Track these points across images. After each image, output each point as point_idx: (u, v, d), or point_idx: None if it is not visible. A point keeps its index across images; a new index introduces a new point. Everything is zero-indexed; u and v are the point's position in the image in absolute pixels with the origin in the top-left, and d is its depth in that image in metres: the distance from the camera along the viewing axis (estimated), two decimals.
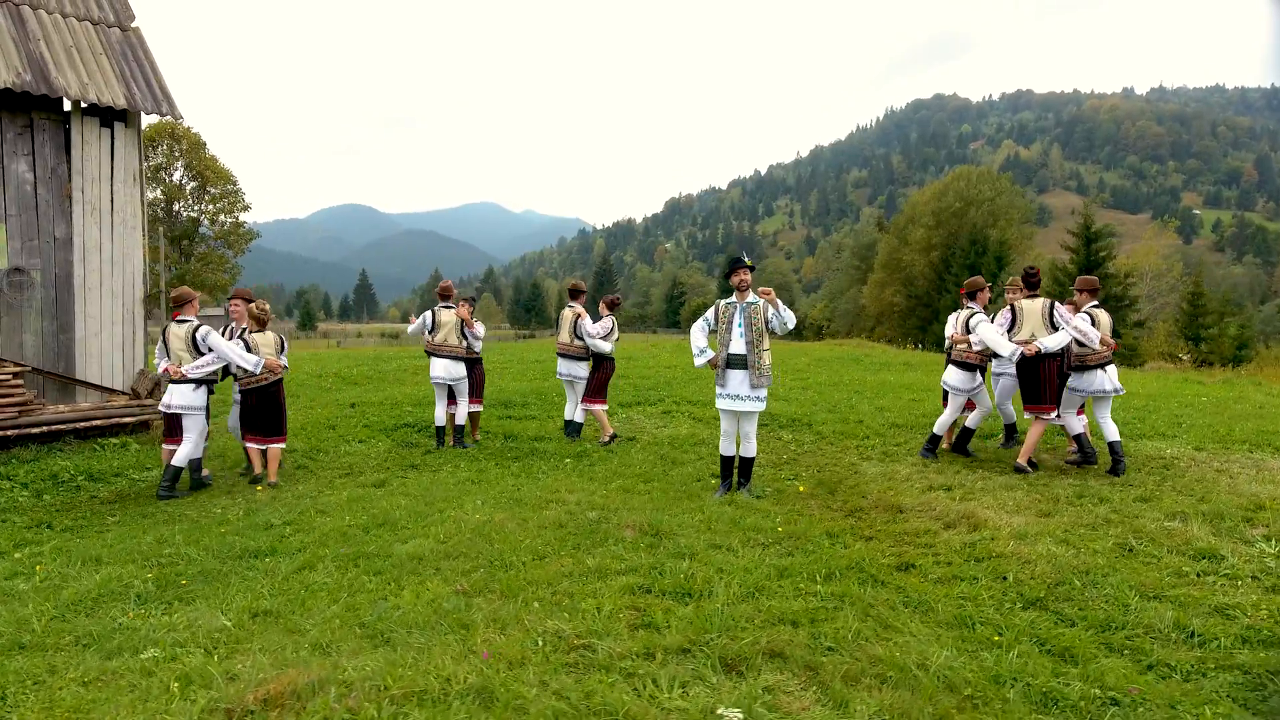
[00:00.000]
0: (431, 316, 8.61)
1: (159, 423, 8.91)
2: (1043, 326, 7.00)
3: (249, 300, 7.77)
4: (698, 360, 6.47)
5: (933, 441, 7.81)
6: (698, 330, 6.57)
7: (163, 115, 9.22)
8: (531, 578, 4.41)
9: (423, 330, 8.64)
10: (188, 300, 7.32)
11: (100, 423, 9.06)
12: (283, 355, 7.72)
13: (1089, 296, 7.27)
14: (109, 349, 9.29)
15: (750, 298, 6.28)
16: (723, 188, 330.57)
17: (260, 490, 7.15)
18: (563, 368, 8.90)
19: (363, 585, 4.45)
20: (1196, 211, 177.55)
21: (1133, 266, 46.89)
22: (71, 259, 8.96)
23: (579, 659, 3.36)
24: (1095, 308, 7.18)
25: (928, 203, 59.33)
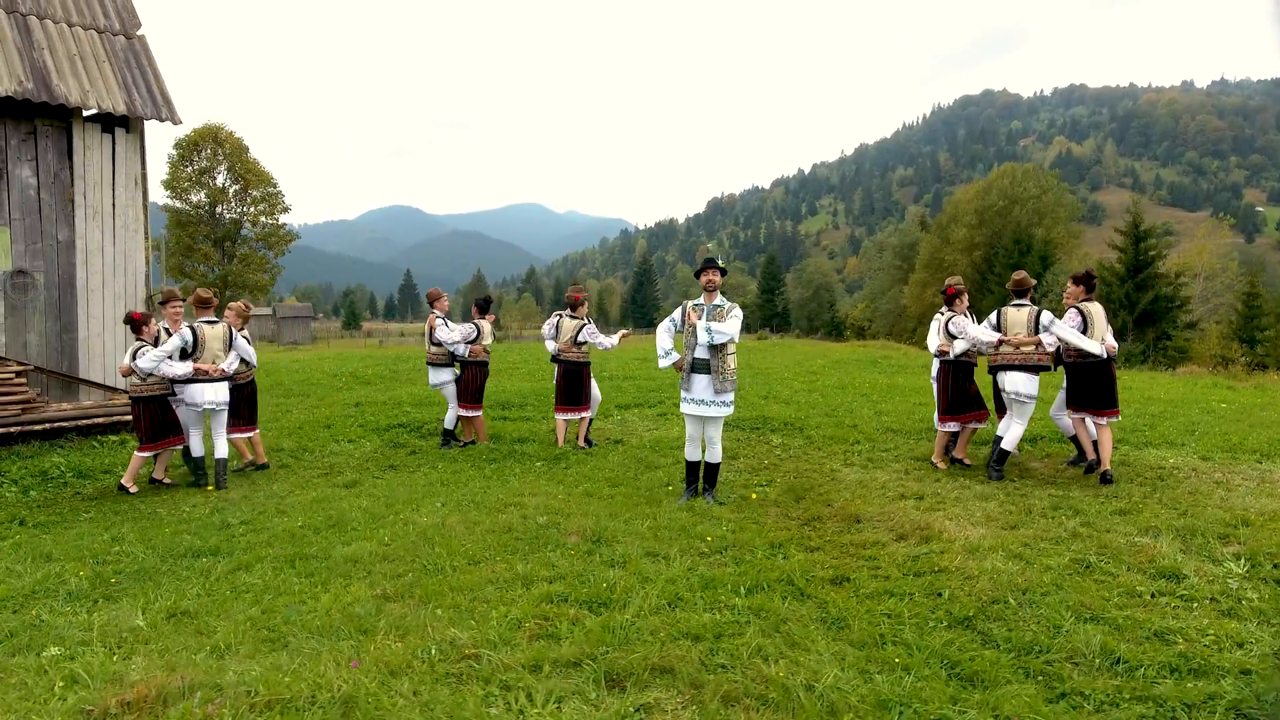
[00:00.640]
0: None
1: None
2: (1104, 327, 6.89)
3: (177, 300, 7.65)
4: (661, 362, 6.34)
5: (1002, 459, 6.94)
6: (663, 330, 6.42)
7: (161, 120, 9.43)
8: (457, 583, 4.37)
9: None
10: (209, 302, 7.58)
11: (102, 420, 9.31)
12: (230, 355, 7.46)
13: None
14: (111, 349, 9.53)
15: (718, 300, 6.14)
16: (765, 187, 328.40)
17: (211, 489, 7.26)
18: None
19: (290, 587, 4.45)
20: (1260, 209, 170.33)
21: (1184, 266, 45.14)
22: (74, 261, 9.23)
23: (464, 669, 3.30)
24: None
25: (971, 201, 58.02)
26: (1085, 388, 6.92)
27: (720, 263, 6.25)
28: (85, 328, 9.37)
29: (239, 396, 7.82)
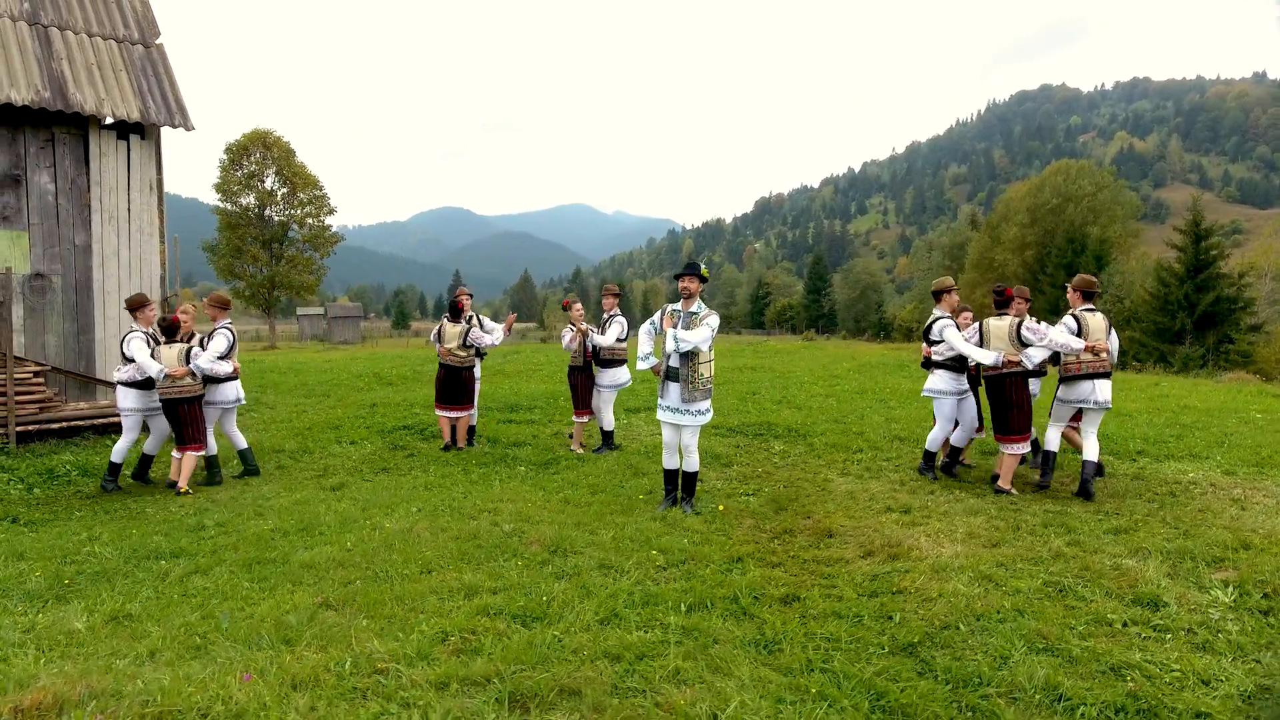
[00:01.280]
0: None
1: None
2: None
3: (151, 304, 7.72)
4: (639, 364, 6.23)
5: (1099, 471, 6.82)
6: (644, 333, 6.30)
7: (175, 127, 9.66)
8: (400, 592, 4.31)
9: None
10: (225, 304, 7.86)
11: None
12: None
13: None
14: None
15: (695, 306, 5.99)
16: (814, 186, 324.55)
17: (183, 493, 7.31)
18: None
19: (237, 592, 4.46)
20: None
21: (1250, 265, 43.03)
22: (91, 265, 9.51)
23: (371, 685, 3.22)
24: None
25: (1023, 199, 56.33)
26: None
27: (703, 270, 6.10)
28: (102, 329, 9.65)
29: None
